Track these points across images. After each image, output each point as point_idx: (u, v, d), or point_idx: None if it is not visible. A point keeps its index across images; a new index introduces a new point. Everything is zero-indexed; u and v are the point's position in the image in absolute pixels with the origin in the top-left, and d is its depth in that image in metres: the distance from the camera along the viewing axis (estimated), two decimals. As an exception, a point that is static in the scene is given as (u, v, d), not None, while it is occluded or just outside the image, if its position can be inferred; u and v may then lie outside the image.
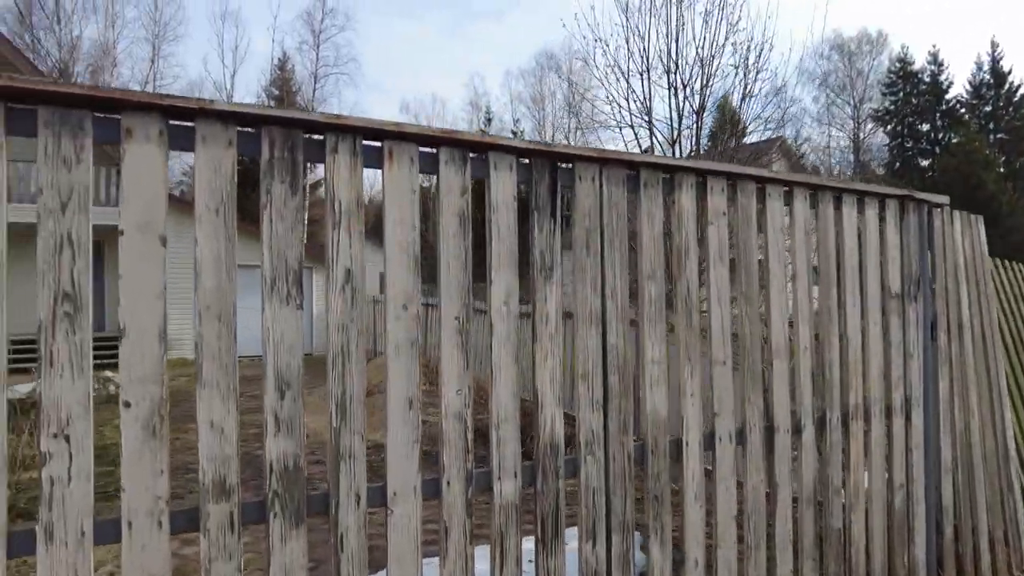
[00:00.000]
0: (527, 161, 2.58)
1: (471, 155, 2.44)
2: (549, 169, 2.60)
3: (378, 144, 2.28)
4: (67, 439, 1.80)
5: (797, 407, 3.33)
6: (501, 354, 2.45)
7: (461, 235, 2.39)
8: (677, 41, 10.00)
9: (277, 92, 40.04)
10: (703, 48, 9.76)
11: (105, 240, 16.39)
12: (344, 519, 2.16)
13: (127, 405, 1.87)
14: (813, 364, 3.38)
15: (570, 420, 2.71)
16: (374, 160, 2.27)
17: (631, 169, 2.82)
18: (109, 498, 6.21)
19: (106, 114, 1.92)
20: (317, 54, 41.25)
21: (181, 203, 18.86)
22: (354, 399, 2.18)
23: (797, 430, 3.32)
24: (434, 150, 2.38)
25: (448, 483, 2.34)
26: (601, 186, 2.72)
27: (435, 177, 2.39)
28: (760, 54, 9.15)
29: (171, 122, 1.98)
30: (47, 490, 1.78)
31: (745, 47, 9.19)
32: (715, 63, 9.72)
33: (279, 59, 41.69)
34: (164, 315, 1.93)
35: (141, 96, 1.92)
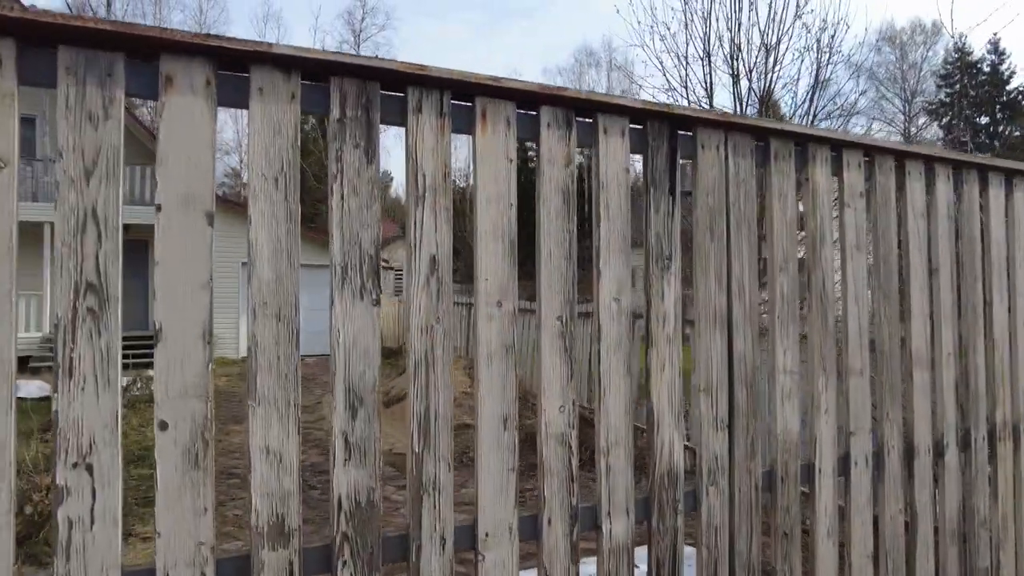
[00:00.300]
0: (640, 127, 2.13)
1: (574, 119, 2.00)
2: (667, 136, 2.14)
3: (468, 103, 1.85)
4: (89, 470, 1.41)
5: (938, 423, 2.82)
6: (611, 362, 2.01)
7: (565, 216, 1.95)
8: (739, 23, 9.42)
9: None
10: (768, 32, 9.17)
11: (150, 240, 16.42)
12: (427, 567, 1.74)
13: (163, 426, 1.47)
14: (956, 372, 2.87)
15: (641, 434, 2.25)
16: (462, 122, 1.84)
17: (758, 139, 2.35)
18: (149, 503, 5.97)
19: (142, 60, 1.52)
20: (358, 53, 41.28)
21: (224, 202, 18.81)
22: (440, 417, 1.75)
23: (938, 451, 2.81)
24: (532, 112, 1.94)
25: (549, 522, 1.90)
26: (726, 157, 2.26)
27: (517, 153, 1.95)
28: (834, 35, 8.52)
29: (221, 72, 1.58)
30: (63, 534, 1.40)
31: (818, 27, 8.57)
32: (782, 46, 9.13)
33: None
34: (210, 311, 1.53)
35: (184, 36, 1.52)
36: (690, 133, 2.20)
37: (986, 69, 41.22)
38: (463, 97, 1.84)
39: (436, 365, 1.75)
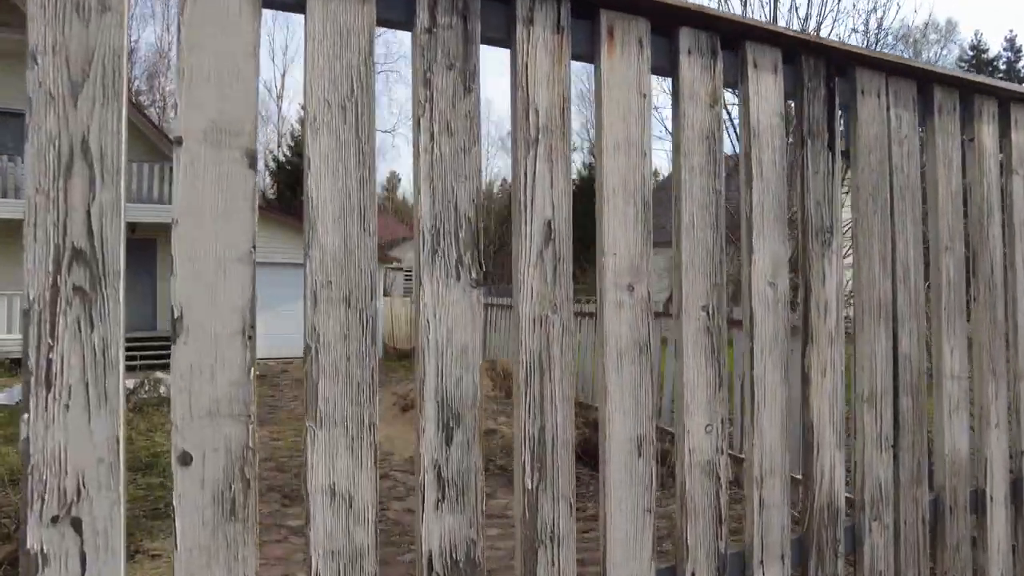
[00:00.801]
0: (791, 66, 1.66)
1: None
2: (824, 77, 1.67)
3: (587, 19, 1.38)
4: (76, 526, 0.94)
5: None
6: (766, 366, 1.53)
7: (711, 172, 1.48)
8: (776, 4, 8.94)
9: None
10: (809, 14, 8.68)
11: (158, 238, 15.88)
12: (542, 644, 1.27)
13: (185, 460, 1.01)
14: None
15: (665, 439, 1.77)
16: (580, 44, 1.37)
17: (917, 89, 1.88)
18: (158, 516, 5.50)
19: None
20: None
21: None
22: (559, 443, 1.29)
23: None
24: (664, 38, 1.48)
25: (693, 574, 1.43)
26: (888, 108, 1.78)
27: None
28: (882, 16, 8.02)
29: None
30: (39, 624, 0.93)
31: (864, 7, 8.07)
32: (824, 31, 8.63)
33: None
34: (252, 294, 1.06)
35: (213, -102, 1.05)
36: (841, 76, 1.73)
37: (1002, 67, 40.65)
38: (580, 13, 1.38)
39: (553, 370, 1.28)
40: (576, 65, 1.37)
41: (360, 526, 1.11)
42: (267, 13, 1.17)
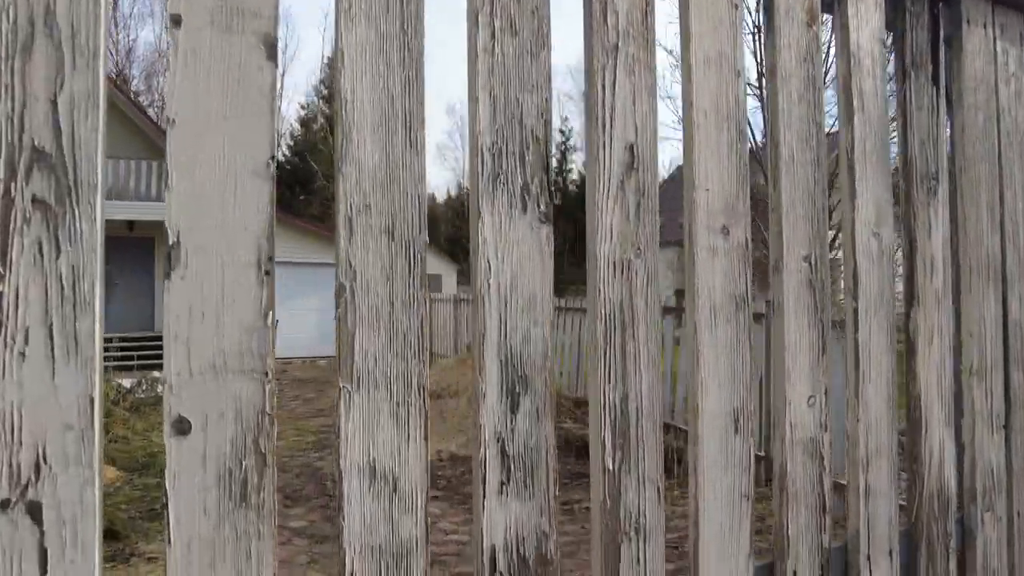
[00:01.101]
0: (887, -17, 1.43)
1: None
2: (928, 2, 1.44)
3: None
4: (34, 513, 0.70)
5: None
6: (871, 328, 1.30)
7: (810, 100, 1.25)
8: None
9: (326, 91, 39.51)
10: None
11: (156, 236, 15.64)
12: (623, 663, 1.03)
13: (181, 427, 0.77)
14: None
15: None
16: (659, -59, 1.14)
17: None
18: (155, 518, 5.25)
19: None
20: None
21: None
22: (644, 415, 1.05)
23: None
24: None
25: (794, 573, 1.20)
26: (994, 40, 1.55)
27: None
28: None
29: None
30: (-10, 647, 0.69)
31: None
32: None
33: (329, 57, 41.17)
34: (270, 217, 0.83)
35: None
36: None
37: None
38: (656, -97, 1.14)
39: (637, 326, 1.05)
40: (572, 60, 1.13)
41: (408, 515, 0.87)
42: None
